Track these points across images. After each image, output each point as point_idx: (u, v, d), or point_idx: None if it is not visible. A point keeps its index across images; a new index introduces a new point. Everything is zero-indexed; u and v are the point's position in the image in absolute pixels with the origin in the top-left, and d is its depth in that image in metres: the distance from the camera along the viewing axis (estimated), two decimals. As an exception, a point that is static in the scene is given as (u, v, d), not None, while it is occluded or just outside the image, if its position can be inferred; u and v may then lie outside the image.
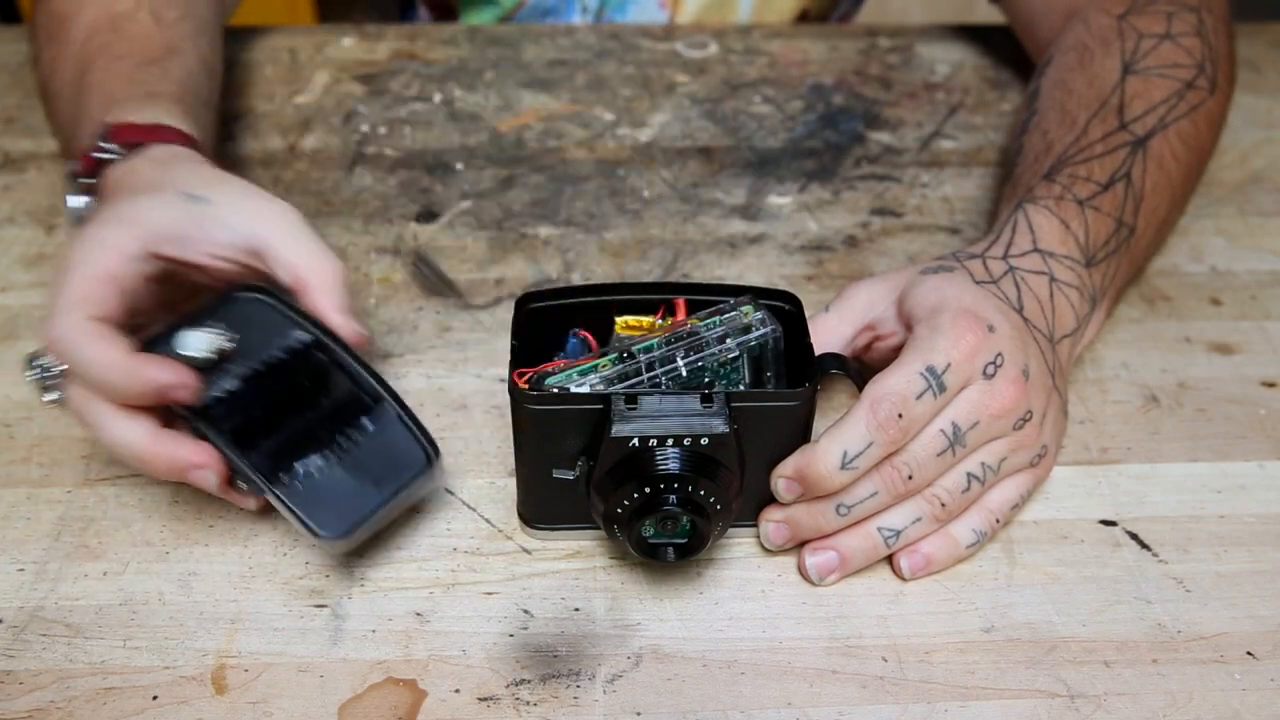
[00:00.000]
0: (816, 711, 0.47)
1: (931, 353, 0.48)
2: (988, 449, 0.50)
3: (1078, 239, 0.56)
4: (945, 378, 0.48)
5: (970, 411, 0.48)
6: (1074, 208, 0.57)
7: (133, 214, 0.50)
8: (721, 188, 0.73)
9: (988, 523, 0.51)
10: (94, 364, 0.46)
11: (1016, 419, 0.49)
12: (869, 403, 0.47)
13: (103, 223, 0.50)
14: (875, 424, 0.47)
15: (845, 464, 0.47)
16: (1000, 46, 0.86)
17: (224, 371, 0.49)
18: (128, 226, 0.49)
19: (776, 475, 0.49)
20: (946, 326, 0.49)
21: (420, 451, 0.50)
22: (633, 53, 0.85)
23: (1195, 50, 0.64)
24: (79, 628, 0.49)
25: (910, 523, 0.50)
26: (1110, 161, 0.59)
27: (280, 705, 0.46)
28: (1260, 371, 0.62)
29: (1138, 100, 0.62)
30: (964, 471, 0.49)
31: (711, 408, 0.46)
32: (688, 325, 0.49)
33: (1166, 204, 0.62)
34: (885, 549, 0.50)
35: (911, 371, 0.47)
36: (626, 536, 0.47)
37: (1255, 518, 0.55)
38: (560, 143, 0.76)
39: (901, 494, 0.49)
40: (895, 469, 0.48)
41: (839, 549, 0.50)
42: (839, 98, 0.81)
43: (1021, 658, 0.49)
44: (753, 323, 0.49)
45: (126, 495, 0.54)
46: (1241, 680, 0.48)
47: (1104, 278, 0.57)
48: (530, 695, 0.47)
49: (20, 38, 0.85)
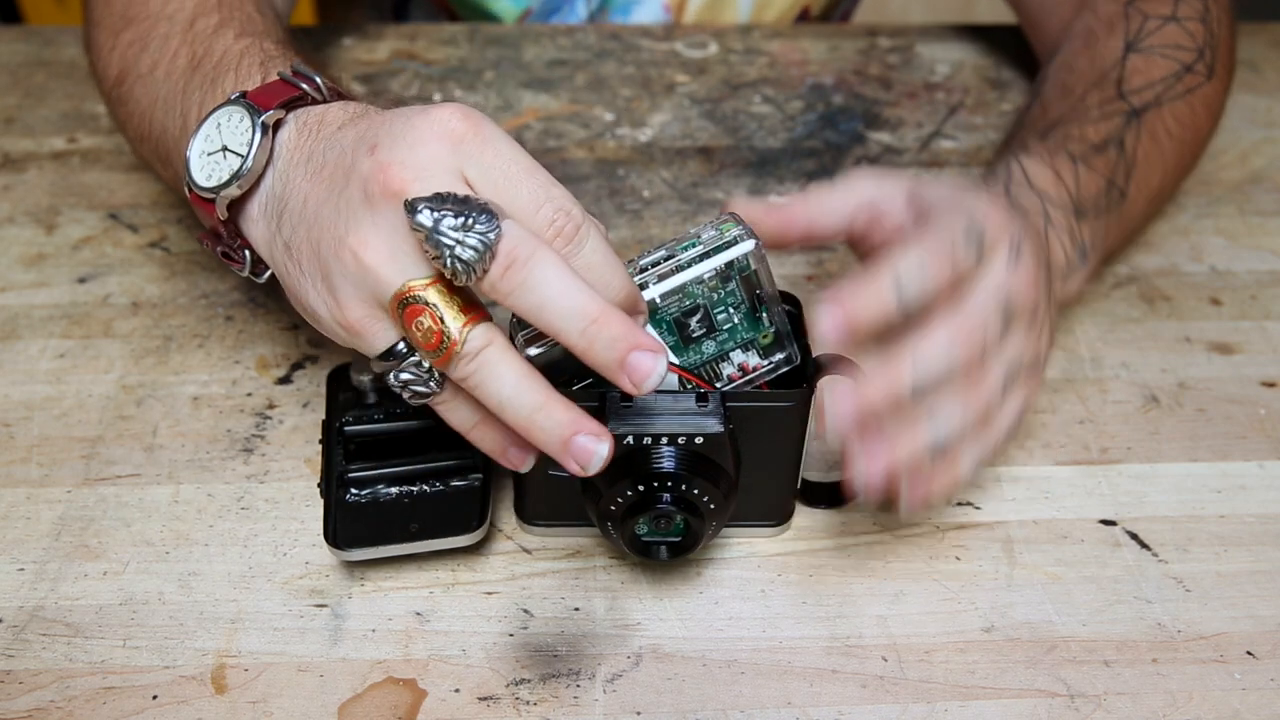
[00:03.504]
0: (816, 711, 0.47)
1: (997, 288, 0.45)
2: (1013, 344, 0.47)
3: (1069, 188, 0.56)
4: (1009, 306, 0.45)
5: (1010, 297, 0.45)
6: (1067, 161, 0.57)
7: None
8: (721, 188, 0.73)
9: (984, 451, 0.48)
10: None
11: (1035, 309, 0.47)
12: (958, 318, 0.44)
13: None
14: (960, 343, 0.44)
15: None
16: (1000, 46, 0.86)
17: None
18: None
19: (835, 414, 0.43)
20: (976, 201, 0.46)
21: (476, 521, 0.50)
22: (633, 53, 0.85)
23: (1198, 34, 0.65)
24: (79, 628, 0.49)
25: (955, 431, 0.45)
26: (1105, 126, 0.60)
27: (280, 705, 0.46)
28: (1260, 371, 0.62)
29: (1137, 75, 0.63)
30: (1000, 373, 0.46)
31: (707, 407, 0.46)
32: (662, 249, 0.47)
33: (1159, 177, 0.62)
34: (929, 457, 0.45)
35: (987, 304, 0.45)
36: (620, 534, 0.47)
37: (1255, 518, 0.55)
38: (560, 143, 0.76)
39: (974, 417, 0.45)
40: (978, 398, 0.45)
41: (888, 460, 0.45)
42: (839, 98, 0.81)
43: (1021, 657, 0.49)
44: (735, 239, 0.47)
45: (126, 495, 0.54)
46: (1241, 680, 0.48)
47: (1092, 233, 0.57)
48: (530, 695, 0.47)
49: (20, 38, 0.85)
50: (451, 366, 0.41)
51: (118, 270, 0.66)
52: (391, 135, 0.41)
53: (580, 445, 0.42)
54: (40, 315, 0.63)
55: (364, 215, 0.41)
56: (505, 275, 0.39)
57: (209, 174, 0.46)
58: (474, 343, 0.41)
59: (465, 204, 0.39)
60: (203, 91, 0.52)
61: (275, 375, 0.60)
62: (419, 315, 0.40)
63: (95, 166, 0.73)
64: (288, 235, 0.45)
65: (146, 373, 0.60)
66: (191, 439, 0.56)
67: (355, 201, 0.41)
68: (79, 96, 0.79)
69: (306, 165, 0.45)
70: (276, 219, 0.46)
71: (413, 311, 0.40)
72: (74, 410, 0.58)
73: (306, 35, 0.85)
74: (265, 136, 0.45)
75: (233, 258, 0.49)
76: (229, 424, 0.57)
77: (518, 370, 0.41)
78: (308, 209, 0.44)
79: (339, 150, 0.43)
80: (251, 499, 0.54)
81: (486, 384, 0.41)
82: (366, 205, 0.41)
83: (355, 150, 0.42)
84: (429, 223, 0.38)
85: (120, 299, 0.64)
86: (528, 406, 0.41)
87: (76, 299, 0.64)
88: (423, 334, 0.41)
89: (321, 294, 0.43)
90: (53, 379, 0.59)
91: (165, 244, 0.68)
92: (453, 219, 0.38)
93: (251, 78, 0.51)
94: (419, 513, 0.50)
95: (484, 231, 0.38)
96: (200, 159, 0.47)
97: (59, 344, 0.61)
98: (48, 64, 0.82)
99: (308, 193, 0.44)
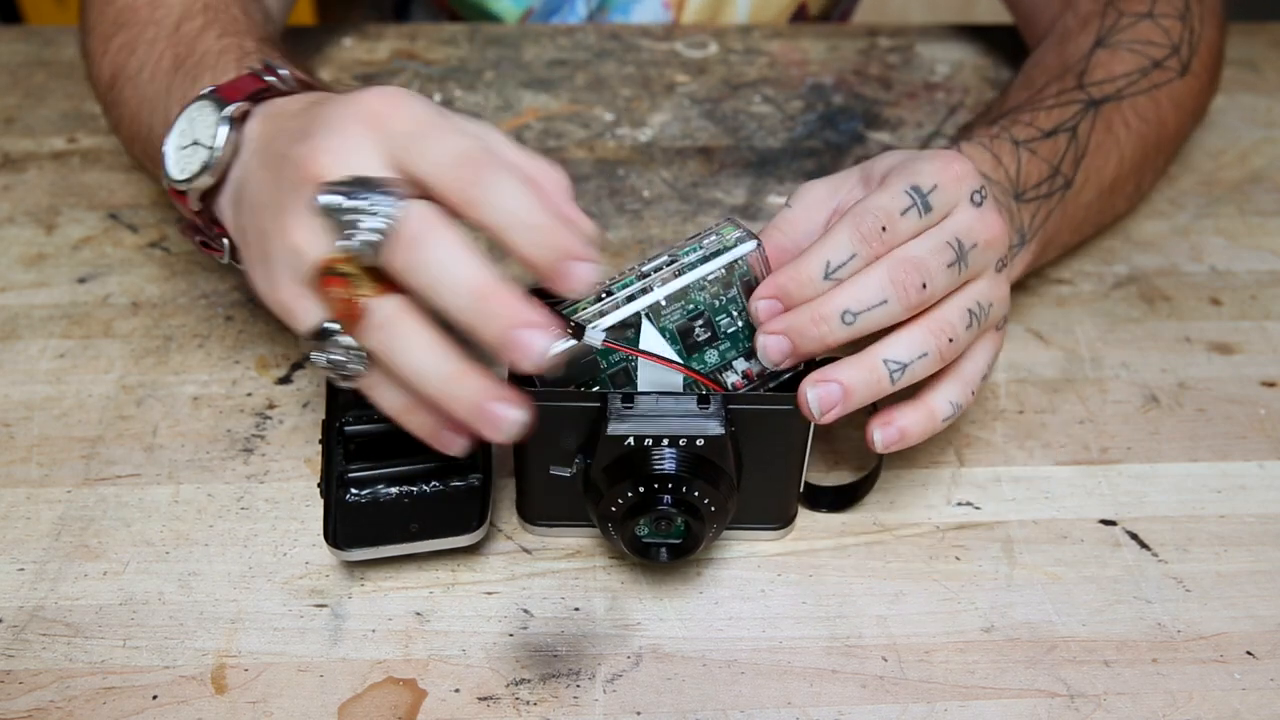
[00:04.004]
0: (816, 711, 0.47)
1: (916, 175, 0.46)
2: (980, 287, 0.48)
3: (1008, 172, 0.56)
4: (931, 198, 0.46)
5: (968, 231, 0.46)
6: (1008, 146, 0.57)
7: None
8: (721, 188, 0.73)
9: (964, 394, 0.49)
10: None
11: (1002, 255, 0.48)
12: (852, 216, 0.45)
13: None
14: (859, 236, 0.45)
15: (828, 274, 0.45)
16: (1000, 46, 0.86)
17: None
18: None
19: (755, 299, 0.46)
20: (930, 156, 0.47)
21: (476, 521, 0.50)
22: (632, 53, 0.85)
23: (1174, 31, 0.65)
24: (79, 628, 0.49)
25: (917, 356, 0.46)
26: (1058, 114, 0.60)
27: (280, 705, 0.46)
28: (1260, 371, 0.62)
29: (1100, 69, 0.63)
30: (965, 307, 0.47)
31: (708, 409, 0.46)
32: (664, 254, 0.48)
33: (1113, 167, 0.62)
34: (890, 384, 0.46)
35: (896, 189, 0.45)
36: (620, 535, 0.47)
37: (1255, 518, 0.55)
38: (560, 143, 0.76)
39: (913, 305, 0.45)
40: (908, 274, 0.45)
41: (842, 381, 0.46)
42: (839, 98, 0.81)
43: (1021, 657, 0.49)
44: (734, 242, 0.47)
45: (126, 495, 0.54)
46: (1241, 680, 0.48)
47: (1032, 217, 0.57)
48: (530, 695, 0.47)
49: (20, 38, 0.85)
50: (363, 333, 0.42)
51: (118, 270, 0.66)
52: (321, 122, 0.43)
53: (495, 411, 0.42)
54: (40, 315, 0.63)
55: (292, 199, 0.43)
56: (403, 254, 0.41)
57: (182, 167, 0.49)
58: (384, 310, 0.42)
59: (369, 185, 0.40)
60: (182, 90, 0.54)
61: (275, 375, 0.60)
62: (334, 285, 0.42)
63: (95, 166, 0.73)
64: (245, 220, 0.47)
65: (146, 373, 0.60)
66: (191, 439, 0.56)
67: (286, 187, 0.43)
68: (79, 96, 0.79)
69: (262, 155, 0.47)
70: (237, 206, 0.48)
71: (328, 281, 0.42)
72: (74, 410, 0.58)
73: (306, 35, 0.85)
74: (231, 129, 0.48)
75: (212, 246, 0.51)
76: (229, 424, 0.57)
77: (429, 339, 0.42)
78: (257, 196, 0.46)
79: (286, 138, 0.45)
80: (251, 499, 0.54)
81: (398, 354, 0.42)
82: (293, 190, 0.43)
83: (292, 138, 0.44)
84: (332, 205, 0.40)
85: (120, 299, 0.64)
86: (440, 375, 0.42)
87: (76, 299, 0.64)
88: (338, 304, 0.42)
89: (262, 275, 0.46)
90: (53, 379, 0.59)
91: (165, 244, 0.68)
92: (355, 201, 0.40)
93: (226, 73, 0.53)
94: (419, 513, 0.50)
95: (385, 212, 0.40)
96: (175, 153, 0.50)
97: (59, 344, 0.61)
98: (48, 64, 0.82)
99: (259, 182, 0.46)
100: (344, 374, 0.44)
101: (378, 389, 0.45)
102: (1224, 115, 0.81)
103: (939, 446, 0.57)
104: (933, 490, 0.56)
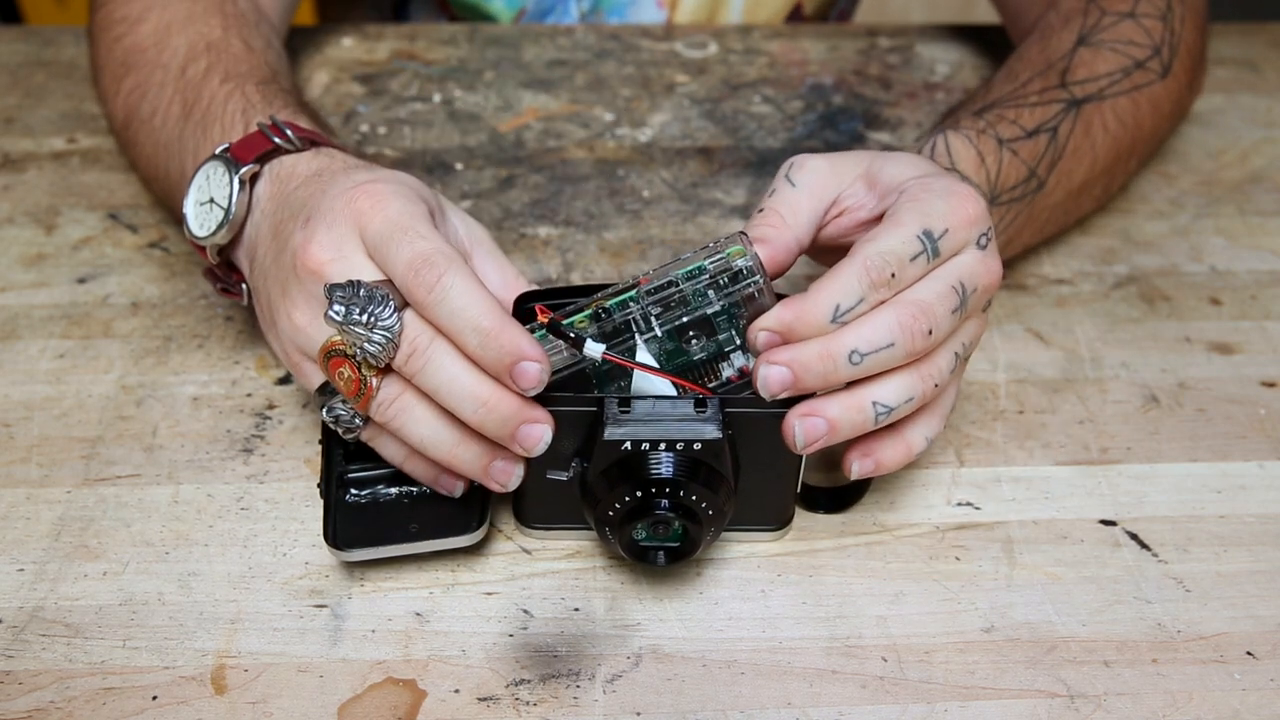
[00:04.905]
0: (816, 711, 0.47)
1: (929, 217, 0.46)
2: (968, 328, 0.48)
3: (988, 174, 0.57)
4: (941, 243, 0.46)
5: (971, 275, 0.47)
6: (993, 144, 0.58)
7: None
8: (721, 188, 0.73)
9: (939, 428, 0.50)
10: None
11: (991, 298, 0.49)
12: (862, 259, 0.45)
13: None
14: (869, 282, 0.45)
15: (836, 318, 0.45)
16: (1000, 46, 0.86)
17: None
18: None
19: (757, 328, 0.45)
20: (944, 192, 0.47)
21: (475, 521, 0.50)
22: (632, 53, 0.85)
23: (1155, 32, 0.65)
24: (79, 628, 0.49)
25: (904, 400, 0.47)
26: (1041, 112, 0.60)
27: (280, 705, 0.46)
28: (1260, 371, 0.62)
29: (1082, 67, 0.63)
30: (953, 350, 0.48)
31: (705, 413, 0.46)
32: (668, 275, 0.47)
33: (1084, 171, 0.62)
34: (873, 424, 0.47)
35: (908, 233, 0.46)
36: (618, 539, 0.47)
37: (1255, 518, 0.55)
38: (560, 143, 0.76)
39: (916, 352, 0.46)
40: (916, 320, 0.45)
41: (829, 417, 0.46)
42: (839, 98, 0.81)
43: (1021, 658, 0.49)
44: (740, 270, 0.47)
45: (126, 495, 0.54)
46: (1241, 680, 0.48)
47: (1000, 220, 0.58)
48: (530, 695, 0.47)
49: (20, 38, 0.85)
50: (371, 411, 0.47)
51: (117, 270, 0.66)
52: (319, 211, 0.48)
53: (499, 469, 0.47)
54: (40, 315, 0.63)
55: (293, 283, 0.48)
56: (408, 362, 0.45)
57: (201, 223, 0.54)
58: (387, 391, 0.46)
59: (370, 298, 0.44)
60: (195, 140, 0.59)
61: (275, 375, 0.60)
62: (340, 366, 0.46)
63: (95, 166, 0.73)
64: (257, 281, 0.52)
65: (146, 373, 0.60)
66: (191, 439, 0.56)
67: (287, 269, 0.48)
68: (79, 96, 0.79)
69: (270, 219, 0.52)
70: (250, 262, 0.53)
71: (335, 363, 0.46)
72: (74, 410, 0.58)
73: (306, 35, 0.85)
74: (243, 190, 0.52)
75: (231, 291, 0.56)
76: (229, 424, 0.57)
77: (432, 414, 0.47)
78: (265, 264, 0.51)
79: (290, 210, 0.50)
80: (251, 499, 0.54)
81: (405, 427, 0.47)
82: (294, 275, 0.48)
83: (295, 218, 0.49)
84: (339, 318, 0.44)
85: (120, 299, 0.64)
86: (446, 444, 0.47)
87: (76, 299, 0.64)
88: (344, 382, 0.46)
89: (273, 336, 0.52)
90: (53, 379, 0.59)
91: (165, 244, 0.68)
92: (359, 313, 0.44)
93: (234, 128, 0.57)
94: (419, 513, 0.50)
95: (387, 326, 0.44)
96: (195, 209, 0.54)
97: (59, 344, 0.61)
98: (48, 64, 0.82)
99: (266, 248, 0.51)
100: (348, 429, 0.49)
101: (378, 440, 0.50)
102: (1224, 115, 0.81)
103: (939, 446, 0.57)
104: (933, 490, 0.56)
